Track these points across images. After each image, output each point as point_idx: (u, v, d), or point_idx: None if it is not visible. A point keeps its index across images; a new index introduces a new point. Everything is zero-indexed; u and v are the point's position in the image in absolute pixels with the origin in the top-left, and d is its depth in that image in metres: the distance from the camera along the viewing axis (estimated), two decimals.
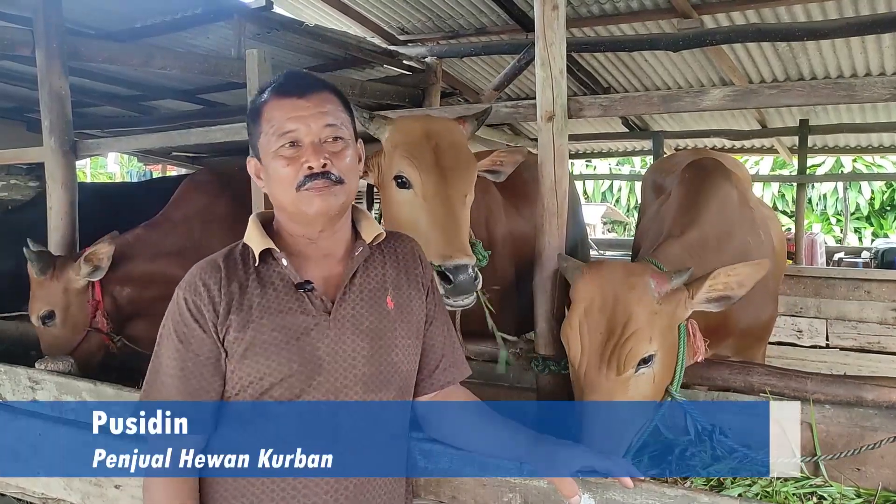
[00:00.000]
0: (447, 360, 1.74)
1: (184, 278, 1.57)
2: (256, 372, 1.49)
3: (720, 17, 5.37)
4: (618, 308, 2.03)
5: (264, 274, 1.56)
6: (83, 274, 3.31)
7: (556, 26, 2.53)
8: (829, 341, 5.44)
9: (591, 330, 2.05)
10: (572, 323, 2.11)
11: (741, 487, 2.02)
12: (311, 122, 1.51)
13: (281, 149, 1.51)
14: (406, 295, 1.66)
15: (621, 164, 19.87)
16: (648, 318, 2.02)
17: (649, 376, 2.03)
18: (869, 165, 17.05)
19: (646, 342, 2.01)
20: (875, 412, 2.15)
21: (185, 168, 9.89)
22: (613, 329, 2.01)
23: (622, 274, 2.12)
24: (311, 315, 1.53)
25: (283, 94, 1.54)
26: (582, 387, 2.05)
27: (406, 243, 1.75)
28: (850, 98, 2.34)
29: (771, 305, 3.00)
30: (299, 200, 1.50)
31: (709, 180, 2.86)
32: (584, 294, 2.13)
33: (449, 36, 6.43)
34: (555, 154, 2.58)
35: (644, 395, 2.03)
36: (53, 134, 3.84)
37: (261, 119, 1.55)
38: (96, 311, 3.37)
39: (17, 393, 2.61)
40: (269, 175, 1.55)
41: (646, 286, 2.06)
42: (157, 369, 1.54)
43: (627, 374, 1.99)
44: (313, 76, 1.67)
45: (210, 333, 1.50)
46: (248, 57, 3.48)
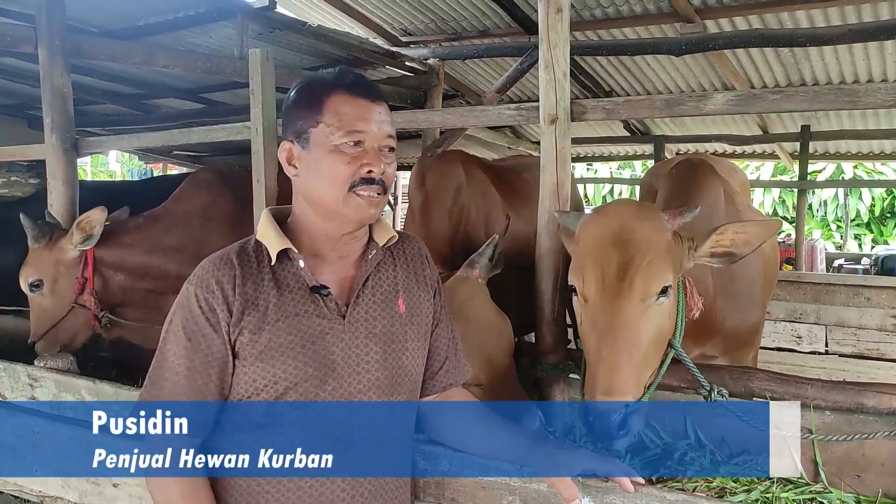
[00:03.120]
0: (450, 362, 1.74)
1: (194, 273, 1.54)
2: (272, 375, 1.47)
3: (723, 22, 5.36)
4: (634, 237, 1.99)
5: (280, 274, 1.54)
6: (75, 242, 3.32)
7: (559, 29, 2.54)
8: (829, 347, 5.43)
9: (607, 260, 1.99)
10: (584, 257, 2.06)
11: (743, 495, 2.01)
12: (379, 128, 1.53)
13: (344, 145, 1.50)
14: (416, 297, 1.66)
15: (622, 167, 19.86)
16: (666, 248, 2.01)
17: (667, 308, 2.00)
18: (870, 172, 17.03)
19: (668, 269, 1.98)
20: (875, 419, 2.14)
21: (185, 167, 9.90)
22: (633, 257, 1.96)
23: (634, 208, 2.12)
24: (326, 318, 1.52)
25: (356, 92, 1.54)
26: (600, 319, 1.97)
27: (413, 244, 1.74)
28: (852, 104, 2.34)
29: (758, 310, 2.99)
30: (347, 201, 1.50)
31: (696, 176, 2.88)
32: (594, 231, 2.08)
33: (451, 38, 6.43)
34: (557, 157, 2.58)
35: (662, 327, 2.00)
36: (55, 131, 3.84)
37: (322, 109, 1.52)
38: (83, 289, 3.35)
39: (15, 390, 2.61)
40: (319, 167, 1.52)
41: (659, 218, 2.06)
42: (162, 365, 1.51)
43: (651, 300, 1.95)
44: (375, 83, 1.68)
45: (221, 333, 1.48)
46: (251, 56, 3.49)
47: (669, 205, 2.71)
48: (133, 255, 3.48)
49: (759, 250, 3.00)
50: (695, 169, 2.94)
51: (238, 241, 1.60)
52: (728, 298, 2.69)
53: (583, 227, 2.15)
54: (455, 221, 3.03)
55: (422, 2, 5.95)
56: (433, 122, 3.82)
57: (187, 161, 9.96)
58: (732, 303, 2.72)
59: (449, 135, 5.80)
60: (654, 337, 1.97)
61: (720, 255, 2.11)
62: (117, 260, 3.44)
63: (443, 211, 3.02)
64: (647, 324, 1.95)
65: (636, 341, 1.92)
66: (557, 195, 2.59)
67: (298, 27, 5.10)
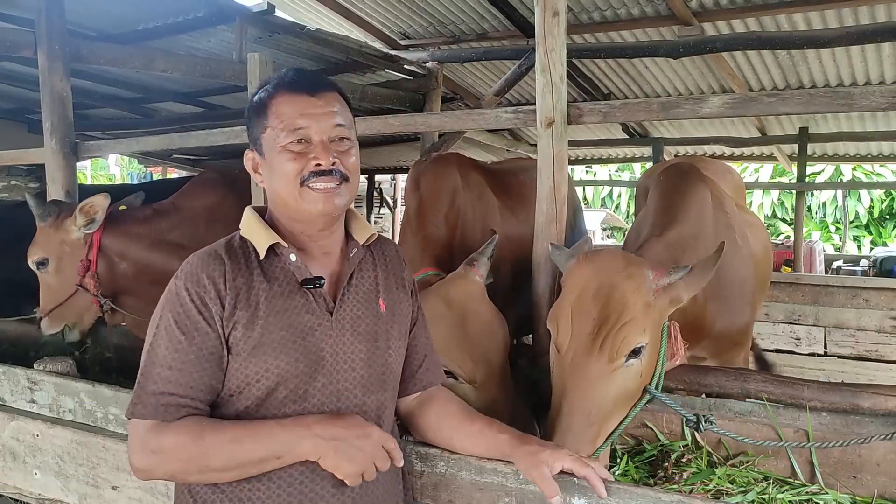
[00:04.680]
0: (429, 360, 1.77)
1: (181, 269, 1.53)
2: (264, 370, 1.47)
3: (720, 25, 5.38)
4: (614, 295, 1.99)
5: (269, 269, 1.54)
6: (79, 224, 3.33)
7: (556, 32, 2.55)
8: (827, 349, 5.44)
9: (583, 315, 2.00)
10: (563, 307, 2.06)
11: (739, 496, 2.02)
12: (321, 121, 1.51)
13: (290, 144, 1.50)
14: (395, 297, 1.68)
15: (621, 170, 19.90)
16: (644, 308, 1.99)
17: (637, 369, 1.98)
18: (868, 174, 17.06)
19: (640, 332, 1.97)
20: (871, 420, 2.15)
21: (185, 170, 9.92)
22: (608, 316, 1.97)
23: (620, 263, 2.09)
24: (314, 314, 1.53)
25: (294, 90, 1.54)
26: (566, 373, 1.98)
27: (390, 246, 1.77)
28: (848, 107, 2.35)
29: (748, 312, 2.99)
30: (302, 196, 1.50)
31: (683, 182, 2.89)
32: (578, 280, 2.09)
33: (450, 41, 6.45)
34: (554, 160, 2.59)
35: (628, 388, 1.97)
36: (54, 135, 3.85)
37: (267, 113, 1.54)
38: (86, 271, 3.36)
39: (15, 393, 2.62)
40: (273, 169, 1.54)
41: (643, 277, 2.03)
42: (153, 361, 1.48)
43: (618, 362, 1.94)
44: (321, 75, 1.67)
45: (215, 327, 1.47)
46: (250, 60, 3.50)
47: (660, 213, 2.74)
48: (138, 246, 3.50)
49: (750, 252, 3.03)
50: (681, 177, 2.94)
51: (222, 238, 1.60)
52: (718, 301, 2.69)
53: (568, 274, 2.16)
54: (451, 224, 3.03)
55: (420, 5, 5.97)
56: (431, 125, 3.83)
57: (186, 164, 9.98)
58: (722, 305, 2.73)
59: (447, 138, 5.82)
60: (618, 398, 1.95)
61: None
62: (122, 248, 3.46)
63: (439, 214, 3.02)
64: (612, 386, 1.94)
65: (598, 402, 1.92)
66: (555, 198, 2.60)
67: (297, 31, 5.11)
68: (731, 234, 2.85)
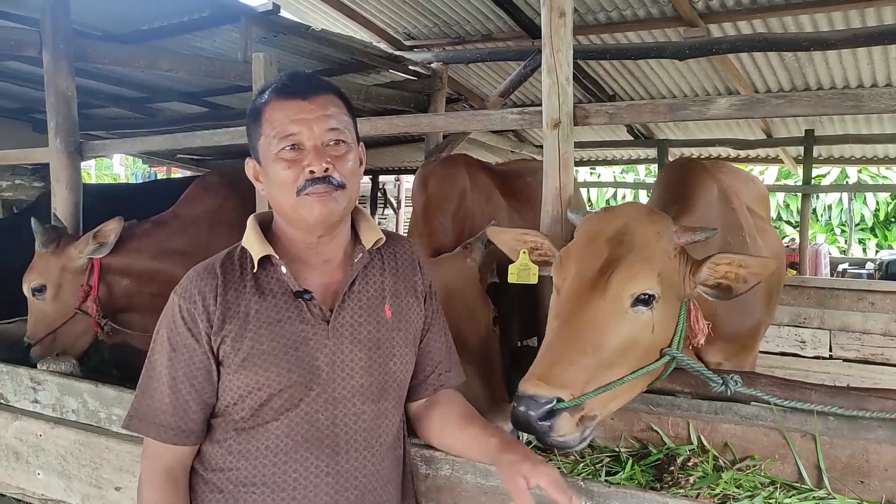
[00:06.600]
0: (444, 365, 1.74)
1: (180, 283, 1.55)
2: (255, 382, 1.46)
3: (726, 27, 5.36)
4: (633, 235, 1.87)
5: (262, 281, 1.53)
6: (87, 251, 3.30)
7: (562, 33, 2.53)
8: (833, 352, 5.41)
9: (593, 254, 1.86)
10: (570, 251, 1.94)
11: (746, 501, 2.00)
12: (313, 126, 1.48)
13: (282, 151, 1.48)
14: (404, 303, 1.65)
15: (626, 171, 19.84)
16: (662, 255, 1.87)
17: (647, 320, 1.81)
18: (874, 176, 17.00)
19: (652, 275, 1.81)
20: (879, 424, 2.13)
21: (189, 170, 9.92)
22: (621, 255, 1.83)
23: (644, 210, 2.01)
24: (309, 324, 1.51)
25: (286, 95, 1.51)
26: (563, 308, 1.81)
27: (405, 247, 1.72)
28: (856, 109, 2.33)
29: (758, 314, 2.93)
30: (299, 205, 1.48)
31: (688, 174, 2.83)
32: (593, 225, 1.97)
33: (455, 42, 6.44)
34: (560, 161, 2.58)
35: (635, 338, 1.81)
36: (59, 135, 3.85)
37: (261, 120, 1.52)
38: (87, 296, 3.33)
39: (18, 393, 2.61)
40: (270, 178, 1.52)
41: (667, 226, 1.94)
42: (151, 374, 1.53)
43: (624, 302, 1.79)
44: (317, 77, 1.63)
45: (202, 343, 1.48)
46: (255, 60, 3.50)
47: (663, 206, 2.69)
48: (141, 261, 3.48)
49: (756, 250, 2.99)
50: (686, 169, 2.89)
51: (227, 248, 1.60)
52: (729, 304, 2.67)
53: (583, 221, 2.07)
54: (459, 225, 3.02)
55: (425, 6, 5.96)
56: (436, 125, 3.82)
57: (191, 164, 9.98)
58: (733, 307, 2.70)
59: (452, 139, 5.81)
60: (621, 345, 1.79)
61: (716, 288, 1.97)
62: (125, 266, 3.43)
63: (447, 215, 3.01)
64: (614, 327, 1.78)
65: (597, 341, 1.75)
66: (560, 199, 2.59)
67: (302, 31, 5.11)
68: (740, 233, 2.82)
